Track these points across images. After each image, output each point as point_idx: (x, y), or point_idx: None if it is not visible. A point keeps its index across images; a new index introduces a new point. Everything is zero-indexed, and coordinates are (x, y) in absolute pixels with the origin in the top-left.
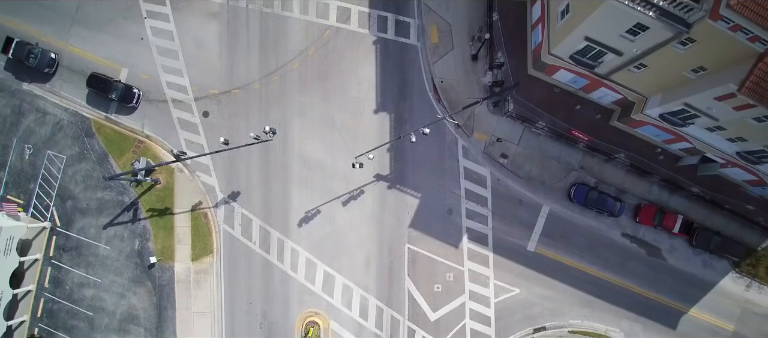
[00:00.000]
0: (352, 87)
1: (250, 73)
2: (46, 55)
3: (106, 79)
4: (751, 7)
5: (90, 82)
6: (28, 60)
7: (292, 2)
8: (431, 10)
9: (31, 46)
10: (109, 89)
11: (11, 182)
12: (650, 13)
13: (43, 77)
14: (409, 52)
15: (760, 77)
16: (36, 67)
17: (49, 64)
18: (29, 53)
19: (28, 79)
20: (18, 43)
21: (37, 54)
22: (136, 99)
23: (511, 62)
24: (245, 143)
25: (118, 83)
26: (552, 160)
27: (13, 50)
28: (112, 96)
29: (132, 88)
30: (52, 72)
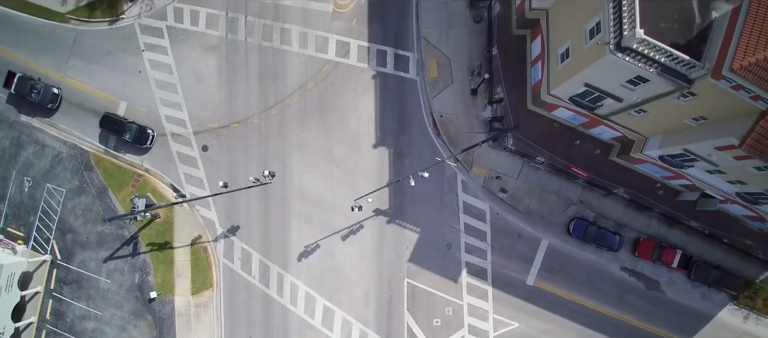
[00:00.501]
0: (352, 121)
1: (249, 107)
2: (49, 90)
3: (120, 120)
4: (755, 71)
5: (103, 123)
6: (30, 95)
7: (291, 36)
8: (430, 45)
9: (34, 82)
10: (123, 130)
11: (11, 214)
12: (651, 70)
13: (47, 113)
14: (409, 87)
15: (761, 134)
16: (39, 102)
17: (52, 100)
18: (31, 88)
19: (30, 114)
20: (20, 78)
21: (40, 89)
22: (149, 140)
23: (511, 97)
24: (244, 187)
25: (132, 124)
26: (551, 194)
27: (15, 85)
28: (126, 137)
29: (145, 129)
30: (56, 107)
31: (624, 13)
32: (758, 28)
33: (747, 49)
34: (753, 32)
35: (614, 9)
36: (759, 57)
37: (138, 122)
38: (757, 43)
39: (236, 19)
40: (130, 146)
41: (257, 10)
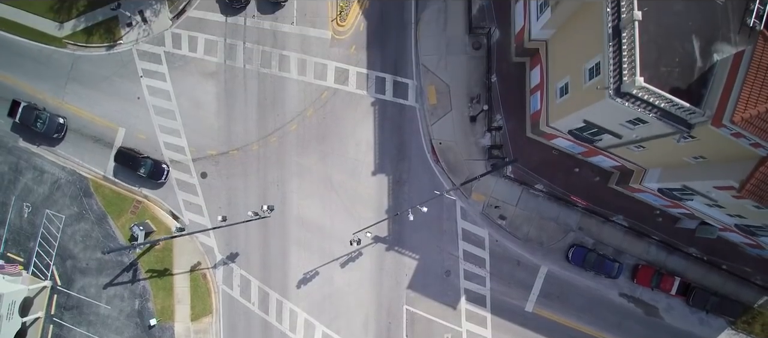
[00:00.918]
0: (351, 148)
1: (248, 134)
2: (55, 120)
3: (135, 155)
4: (756, 123)
5: (118, 158)
6: (35, 125)
7: (290, 63)
8: (429, 71)
9: (39, 111)
10: (138, 165)
11: (11, 239)
12: (651, 115)
13: (52, 142)
14: (408, 114)
15: (760, 180)
16: (44, 132)
17: (57, 130)
18: (37, 118)
19: (36, 143)
20: (25, 108)
21: (45, 119)
22: (164, 175)
23: (510, 124)
24: (243, 220)
25: (147, 159)
26: (550, 221)
27: (20, 115)
28: (141, 172)
29: (160, 163)
30: (61, 137)
31: (624, 58)
32: (761, 78)
33: (749, 101)
34: (755, 83)
35: (614, 53)
36: (761, 109)
37: (153, 157)
38: (759, 94)
39: (235, 45)
40: (145, 181)
41: (256, 37)
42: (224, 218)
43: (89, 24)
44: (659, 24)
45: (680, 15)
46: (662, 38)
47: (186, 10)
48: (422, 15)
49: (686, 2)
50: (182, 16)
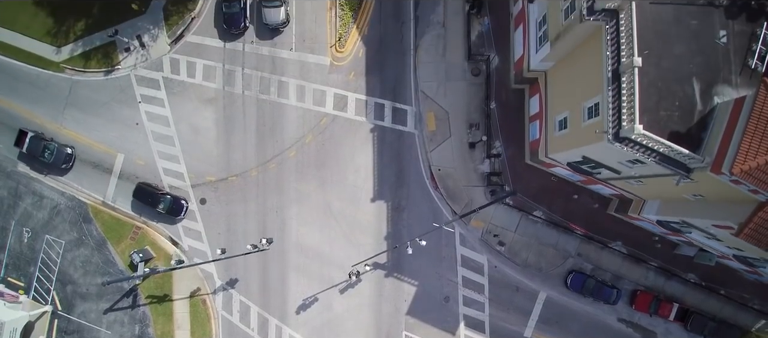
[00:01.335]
0: (350, 175)
1: (247, 160)
2: (62, 151)
3: (154, 191)
4: (756, 175)
5: (137, 194)
6: (43, 155)
7: (289, 89)
8: (428, 98)
9: (47, 142)
10: (157, 201)
11: (11, 264)
12: (650, 159)
13: (59, 172)
14: (407, 140)
15: (759, 224)
16: (52, 162)
17: (65, 160)
18: (44, 149)
19: (43, 173)
20: (32, 138)
21: (53, 150)
22: (183, 211)
23: (509, 151)
24: (242, 253)
25: (166, 196)
26: (549, 247)
27: (27, 145)
28: (160, 208)
29: (179, 199)
30: (70, 167)
31: (623, 103)
32: (762, 129)
33: (749, 152)
34: (756, 133)
35: (613, 98)
36: (761, 161)
37: (172, 193)
38: (760, 145)
39: (233, 71)
40: (164, 217)
41: (254, 63)
42: (223, 251)
43: (87, 49)
44: (659, 67)
45: (681, 58)
46: (662, 81)
47: (184, 35)
48: (421, 41)
49: (687, 44)
50: (180, 41)
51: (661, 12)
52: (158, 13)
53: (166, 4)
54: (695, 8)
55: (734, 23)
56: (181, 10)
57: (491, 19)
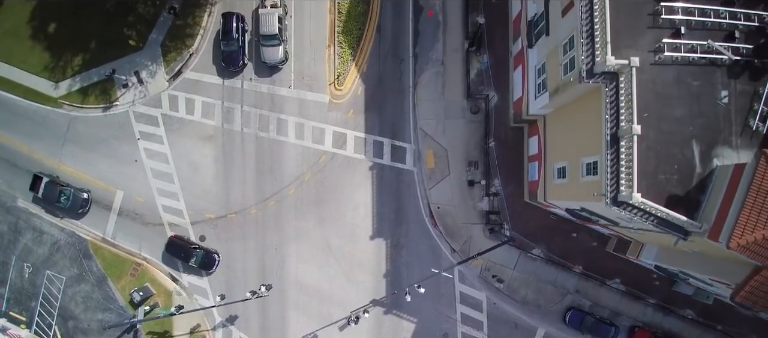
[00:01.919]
0: (349, 212)
1: (246, 197)
2: (79, 196)
3: (186, 245)
4: (753, 248)
5: (169, 248)
6: (59, 201)
7: (288, 127)
8: (427, 136)
9: (63, 187)
10: (189, 256)
11: (13, 298)
12: (647, 222)
13: (76, 216)
14: (406, 178)
15: (755, 287)
16: (68, 208)
17: (82, 205)
18: (60, 194)
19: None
20: (48, 183)
21: (69, 195)
22: (215, 265)
23: (507, 189)
24: (241, 299)
25: (198, 250)
26: (547, 284)
27: (42, 191)
28: (192, 263)
29: (211, 253)
30: (86, 212)
31: (622, 168)
32: (760, 202)
33: (746, 226)
34: (755, 207)
35: (612, 163)
36: (758, 236)
37: (204, 246)
38: (758, 219)
39: (232, 108)
40: (195, 270)
41: (253, 100)
42: (222, 297)
43: (84, 84)
44: (659, 130)
45: (681, 120)
46: (661, 145)
47: (182, 72)
48: (420, 79)
49: (688, 106)
50: (179, 77)
51: (661, 73)
52: (156, 49)
53: (164, 39)
54: (697, 68)
55: (736, 83)
56: (179, 47)
57: (490, 57)
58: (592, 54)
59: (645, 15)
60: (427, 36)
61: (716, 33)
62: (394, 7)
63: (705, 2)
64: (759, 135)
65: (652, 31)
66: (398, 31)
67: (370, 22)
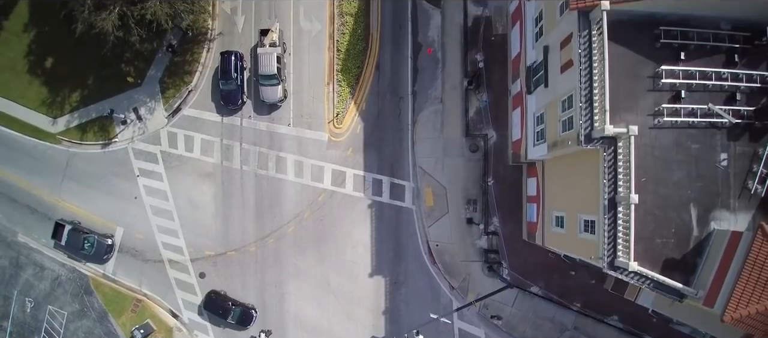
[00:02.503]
0: (348, 250)
1: (245, 235)
2: (103, 243)
3: (224, 302)
4: (747, 322)
5: (207, 304)
6: (83, 248)
7: (287, 165)
8: (426, 174)
9: (86, 234)
10: (227, 313)
11: (15, 332)
12: (644, 286)
13: (100, 262)
14: (404, 216)
15: None
16: (93, 255)
17: (107, 252)
18: (84, 241)
19: (83, 262)
20: (71, 231)
21: (93, 242)
22: (252, 321)
23: (506, 227)
24: None
25: (236, 307)
26: (546, 321)
27: (65, 239)
28: (230, 319)
29: (248, 309)
30: (110, 257)
31: (619, 234)
32: (755, 276)
33: (741, 300)
34: (750, 281)
35: (609, 227)
36: (752, 310)
37: (240, 302)
38: (752, 293)
39: (231, 146)
40: (233, 326)
41: (252, 138)
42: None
43: (83, 120)
44: (657, 194)
45: (679, 184)
46: (659, 210)
47: (181, 109)
48: (419, 117)
49: (687, 169)
50: (178, 114)
51: (660, 136)
52: (154, 86)
53: (163, 76)
54: (697, 131)
55: (736, 144)
56: (177, 83)
57: (489, 95)
58: (591, 119)
59: (645, 78)
60: (426, 74)
61: (717, 94)
62: (393, 45)
63: (706, 64)
64: (757, 197)
65: (652, 94)
66: (397, 68)
67: (369, 60)
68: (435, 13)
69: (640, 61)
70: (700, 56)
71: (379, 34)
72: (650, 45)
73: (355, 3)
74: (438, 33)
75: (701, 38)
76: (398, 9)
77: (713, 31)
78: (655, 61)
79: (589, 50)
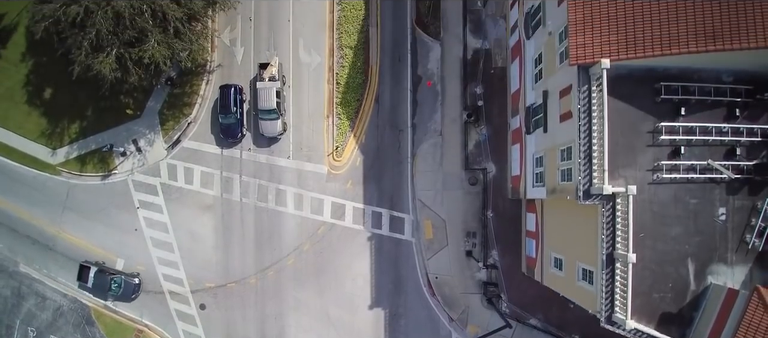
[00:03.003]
0: (347, 282)
1: (245, 267)
2: (130, 283)
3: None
4: None
5: None
6: (111, 289)
7: (287, 197)
8: (426, 206)
9: (113, 275)
10: None
11: None
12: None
13: (128, 301)
14: (404, 248)
15: None
16: (120, 296)
17: (134, 291)
18: (111, 282)
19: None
20: (97, 273)
21: (120, 282)
22: None
23: (505, 260)
24: None
25: None
26: None
27: (92, 281)
28: None
29: None
30: (137, 297)
31: (617, 293)
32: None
33: None
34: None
35: (607, 282)
36: None
37: None
38: None
39: (231, 178)
40: None
41: (252, 170)
42: None
43: (83, 152)
44: (655, 249)
45: (677, 239)
46: (657, 265)
47: (181, 141)
48: (418, 150)
49: (685, 224)
50: (177, 146)
51: (659, 191)
52: (154, 118)
53: (162, 108)
54: (695, 186)
55: (735, 198)
56: (176, 115)
57: (489, 129)
58: (590, 177)
59: (644, 133)
60: (426, 106)
61: (717, 148)
62: (392, 78)
63: (707, 118)
64: (755, 251)
65: (652, 149)
66: (396, 101)
67: (369, 92)
68: (434, 45)
69: (640, 116)
70: (702, 110)
71: (379, 66)
72: (650, 100)
73: (354, 36)
74: (437, 66)
75: (702, 92)
76: (398, 42)
77: (715, 85)
78: (656, 116)
79: (589, 106)
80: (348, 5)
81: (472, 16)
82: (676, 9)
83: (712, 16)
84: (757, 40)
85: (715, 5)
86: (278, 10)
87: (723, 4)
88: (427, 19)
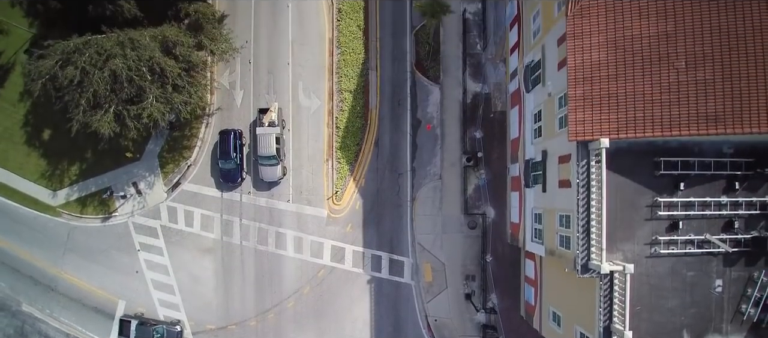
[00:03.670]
0: (347, 325)
1: (245, 310)
2: (173, 331)
3: None
4: None
5: None
6: None
7: (286, 241)
8: (425, 250)
9: (154, 326)
10: None
11: None
12: None
13: None
14: (403, 291)
15: None
16: None
17: None
18: (154, 333)
19: None
20: (138, 326)
21: (162, 332)
22: None
23: (504, 303)
24: None
25: None
26: None
27: (134, 334)
28: None
29: None
30: None
31: None
32: None
33: None
34: None
35: None
36: None
37: None
38: None
39: (231, 221)
40: None
41: (252, 214)
42: None
43: (83, 194)
44: (651, 321)
45: (674, 311)
46: (652, 336)
47: (181, 183)
48: (418, 194)
49: (681, 296)
50: (177, 189)
51: (657, 265)
52: (153, 160)
53: (161, 151)
54: (692, 259)
55: (731, 270)
56: (176, 158)
57: (488, 173)
58: (588, 251)
59: (643, 207)
60: (425, 150)
61: (715, 221)
62: (392, 122)
63: (706, 192)
64: (749, 321)
65: (650, 223)
66: (396, 145)
67: (368, 136)
68: (434, 89)
69: (638, 190)
70: (701, 183)
71: (378, 110)
72: (650, 174)
73: (354, 79)
74: (437, 109)
75: (702, 166)
76: (397, 85)
77: (715, 158)
78: (654, 190)
79: (588, 181)
80: (347, 49)
81: (471, 59)
82: (678, 90)
83: (714, 99)
84: (759, 126)
85: (719, 89)
86: (278, 54)
87: (726, 87)
88: (427, 62)
